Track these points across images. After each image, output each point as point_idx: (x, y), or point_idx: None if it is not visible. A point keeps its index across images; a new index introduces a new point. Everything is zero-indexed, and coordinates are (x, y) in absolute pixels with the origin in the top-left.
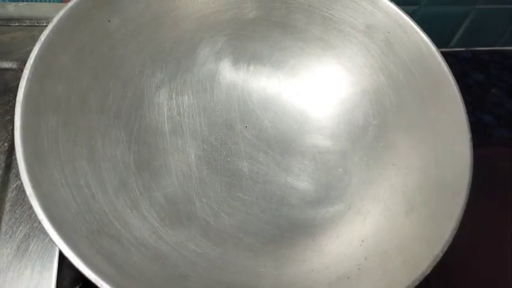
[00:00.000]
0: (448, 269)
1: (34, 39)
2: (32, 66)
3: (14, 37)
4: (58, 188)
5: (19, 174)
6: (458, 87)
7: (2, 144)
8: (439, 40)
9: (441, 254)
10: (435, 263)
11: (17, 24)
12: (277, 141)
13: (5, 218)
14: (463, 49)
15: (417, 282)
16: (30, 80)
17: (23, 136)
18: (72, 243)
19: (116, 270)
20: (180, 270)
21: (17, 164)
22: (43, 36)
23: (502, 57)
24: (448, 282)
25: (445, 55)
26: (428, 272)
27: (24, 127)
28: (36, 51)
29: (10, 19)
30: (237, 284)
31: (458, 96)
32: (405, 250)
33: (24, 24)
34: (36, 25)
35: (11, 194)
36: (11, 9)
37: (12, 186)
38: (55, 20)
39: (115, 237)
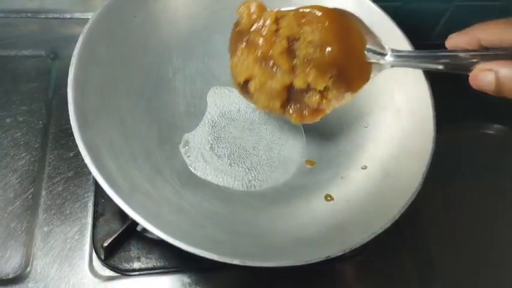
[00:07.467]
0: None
1: (57, 31)
2: (78, 54)
3: (40, 28)
4: (102, 152)
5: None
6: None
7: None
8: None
9: (406, 206)
10: (402, 211)
11: (43, 16)
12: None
13: None
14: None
15: (388, 225)
16: (76, 65)
17: (75, 108)
18: (120, 194)
19: (148, 214)
20: (198, 222)
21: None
22: (85, 29)
23: None
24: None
25: (426, 47)
26: (397, 217)
27: (75, 101)
28: (80, 41)
29: (37, 12)
30: (242, 232)
31: (424, 80)
32: (381, 205)
33: (50, 17)
34: (59, 17)
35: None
36: (37, 2)
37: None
38: (94, 16)
39: (146, 194)
